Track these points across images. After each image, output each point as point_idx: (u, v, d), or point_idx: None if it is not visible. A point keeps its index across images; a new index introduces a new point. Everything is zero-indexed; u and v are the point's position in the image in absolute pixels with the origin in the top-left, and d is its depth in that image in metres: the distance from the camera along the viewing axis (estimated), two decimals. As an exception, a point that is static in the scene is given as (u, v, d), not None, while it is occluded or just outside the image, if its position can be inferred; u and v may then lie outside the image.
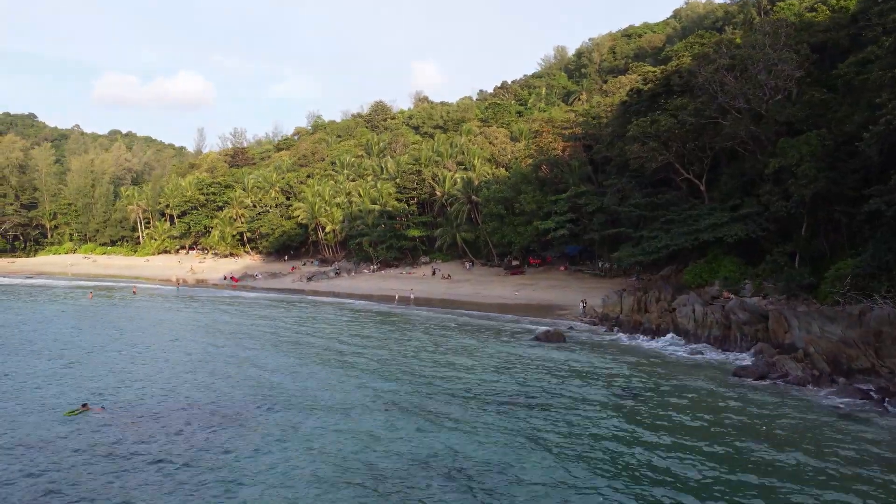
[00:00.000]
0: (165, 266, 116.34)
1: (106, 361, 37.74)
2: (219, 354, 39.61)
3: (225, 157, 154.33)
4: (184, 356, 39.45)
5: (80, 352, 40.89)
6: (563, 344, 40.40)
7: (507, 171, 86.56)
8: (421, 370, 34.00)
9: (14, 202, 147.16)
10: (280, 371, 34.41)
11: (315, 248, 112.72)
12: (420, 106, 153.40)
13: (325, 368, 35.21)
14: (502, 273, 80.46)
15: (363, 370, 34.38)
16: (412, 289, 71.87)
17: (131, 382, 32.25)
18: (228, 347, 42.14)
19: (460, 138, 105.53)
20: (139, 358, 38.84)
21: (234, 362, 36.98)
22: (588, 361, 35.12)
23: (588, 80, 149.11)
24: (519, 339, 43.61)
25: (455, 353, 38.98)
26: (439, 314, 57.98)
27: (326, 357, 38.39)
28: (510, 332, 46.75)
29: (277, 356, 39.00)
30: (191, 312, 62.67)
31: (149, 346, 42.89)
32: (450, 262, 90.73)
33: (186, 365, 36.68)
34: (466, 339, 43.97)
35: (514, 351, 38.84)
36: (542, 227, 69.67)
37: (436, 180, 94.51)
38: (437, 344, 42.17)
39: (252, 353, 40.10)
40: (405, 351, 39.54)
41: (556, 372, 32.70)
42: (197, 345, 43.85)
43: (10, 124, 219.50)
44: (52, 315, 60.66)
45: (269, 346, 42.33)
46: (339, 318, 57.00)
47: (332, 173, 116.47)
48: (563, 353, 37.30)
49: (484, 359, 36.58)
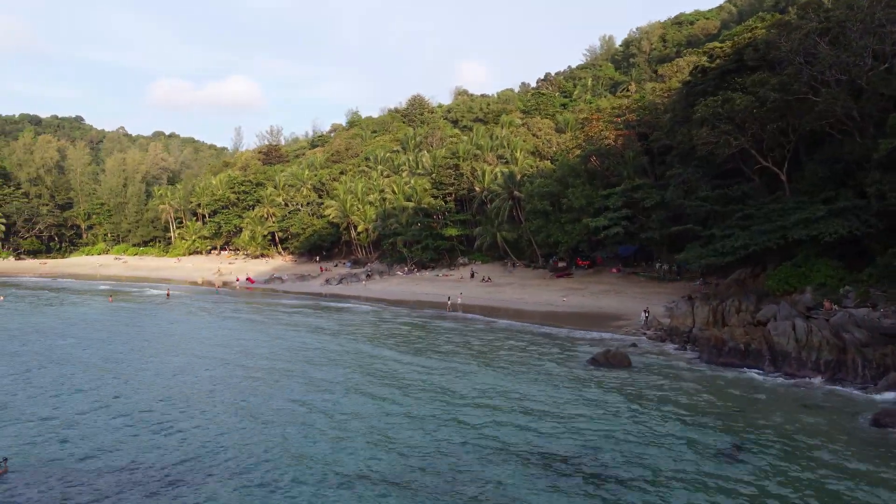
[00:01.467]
0: (195, 267, 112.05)
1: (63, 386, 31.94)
2: (195, 398, 30.92)
3: (259, 154, 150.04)
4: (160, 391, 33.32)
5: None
6: (629, 370, 33.03)
7: (552, 164, 79.11)
8: (460, 413, 27.03)
9: (49, 202, 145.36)
10: (281, 416, 28.04)
11: (348, 248, 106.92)
12: (459, 99, 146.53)
13: (329, 422, 28.63)
14: (547, 276, 73.17)
15: (380, 413, 27.65)
16: (461, 293, 64.39)
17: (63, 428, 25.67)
18: (225, 374, 35.97)
19: (501, 130, 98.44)
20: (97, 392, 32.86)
21: (227, 405, 30.67)
22: (667, 398, 27.80)
23: (637, 69, 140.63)
24: (573, 358, 36.49)
25: (500, 380, 32.07)
26: (478, 324, 51.09)
27: (333, 396, 31.84)
28: (561, 347, 39.63)
29: (279, 389, 32.66)
30: (196, 322, 57.05)
31: (119, 372, 37.00)
32: (490, 264, 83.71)
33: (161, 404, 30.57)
34: (511, 359, 36.99)
35: (570, 380, 31.68)
36: (592, 224, 62.14)
37: (475, 175, 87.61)
38: (477, 367, 35.30)
39: (254, 382, 33.84)
40: (437, 383, 32.51)
41: (628, 417, 25.51)
42: (188, 380, 34.49)
43: (58, 127, 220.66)
44: (49, 325, 55.70)
45: (273, 375, 36.04)
46: (360, 331, 50.54)
47: (365, 169, 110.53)
48: (631, 386, 30.05)
49: (534, 393, 29.50)
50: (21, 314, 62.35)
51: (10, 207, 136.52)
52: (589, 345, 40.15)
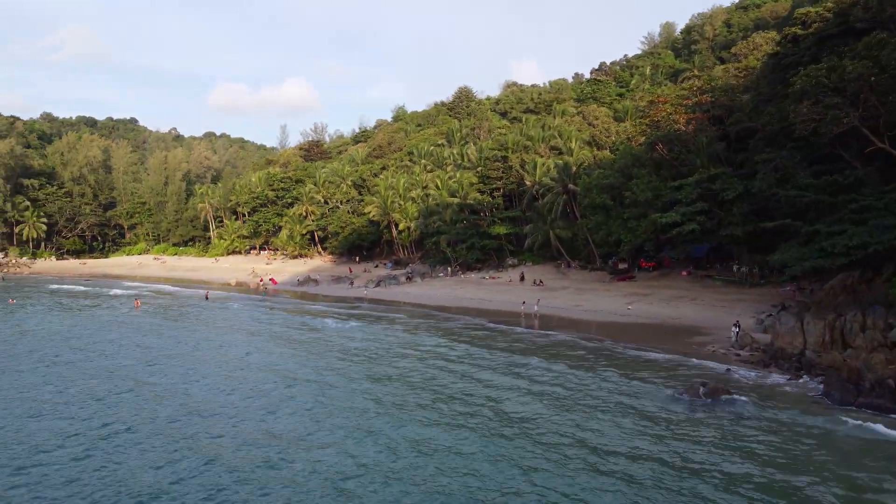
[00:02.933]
0: (232, 268, 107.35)
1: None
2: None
3: (300, 151, 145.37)
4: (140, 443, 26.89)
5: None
6: (732, 413, 24.89)
7: (612, 154, 70.86)
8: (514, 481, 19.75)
9: (92, 202, 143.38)
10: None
11: (389, 248, 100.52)
12: (508, 90, 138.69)
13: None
14: (606, 279, 65.20)
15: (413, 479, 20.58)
16: (538, 300, 55.26)
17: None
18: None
19: (554, 120, 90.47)
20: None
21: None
22: (803, 469, 19.69)
23: (700, 56, 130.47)
24: (652, 388, 28.71)
25: (559, 418, 24.64)
26: (526, 336, 43.54)
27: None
28: (631, 371, 31.85)
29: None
30: (205, 334, 51.04)
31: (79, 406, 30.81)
32: (541, 265, 75.98)
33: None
34: (572, 389, 29.44)
35: (654, 423, 24.00)
36: (662, 220, 53.84)
37: (525, 168, 79.97)
38: (526, 394, 27.92)
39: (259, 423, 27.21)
40: (482, 428, 25.24)
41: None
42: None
43: (112, 128, 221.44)
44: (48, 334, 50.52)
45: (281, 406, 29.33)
46: (387, 349, 43.59)
47: (407, 164, 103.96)
48: (741, 441, 22.06)
49: (612, 446, 21.96)
50: (17, 321, 57.69)
51: (53, 207, 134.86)
52: (667, 370, 32.24)
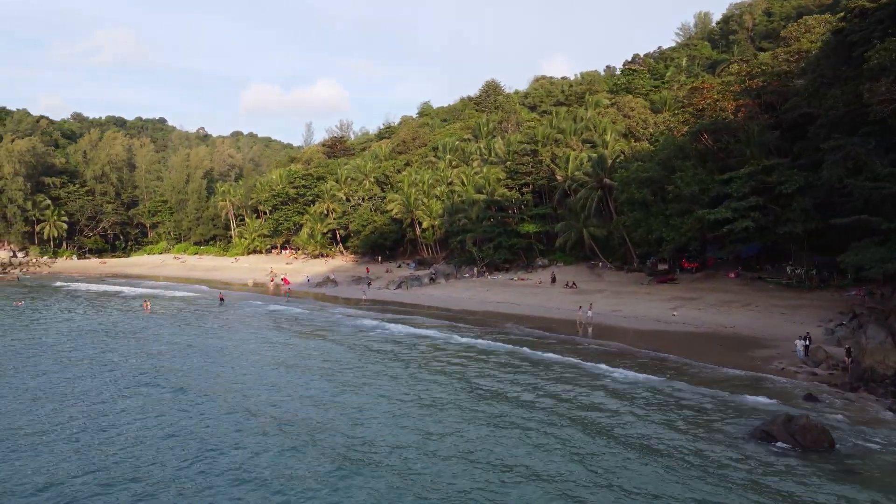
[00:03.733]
0: (251, 268, 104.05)
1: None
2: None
3: (324, 148, 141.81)
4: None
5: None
6: (835, 460, 19.81)
7: (651, 145, 65.55)
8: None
9: (114, 200, 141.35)
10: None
11: (413, 247, 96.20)
12: (538, 83, 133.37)
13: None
14: (645, 280, 60.06)
15: None
16: (591, 304, 49.32)
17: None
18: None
19: (586, 112, 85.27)
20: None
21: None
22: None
23: (739, 46, 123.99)
24: (720, 423, 23.78)
25: (611, 464, 19.98)
26: (565, 348, 38.77)
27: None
28: (693, 398, 26.96)
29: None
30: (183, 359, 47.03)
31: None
32: (573, 266, 71.01)
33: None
34: (623, 419, 24.72)
35: (736, 474, 19.18)
36: (709, 217, 48.68)
37: (556, 162, 75.00)
38: (571, 427, 23.25)
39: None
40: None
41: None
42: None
43: (141, 128, 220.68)
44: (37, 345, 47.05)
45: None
46: (400, 370, 39.13)
47: (432, 160, 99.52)
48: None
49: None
50: (11, 326, 54.46)
51: (74, 205, 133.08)
52: (731, 392, 27.29)
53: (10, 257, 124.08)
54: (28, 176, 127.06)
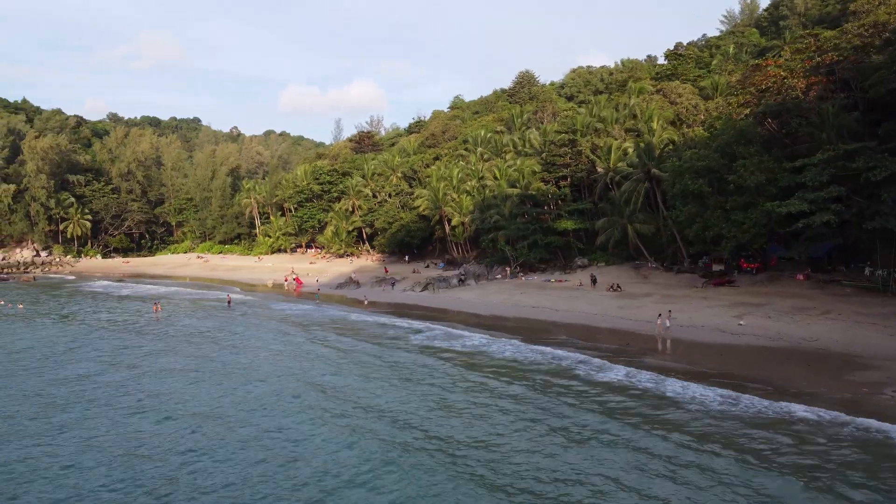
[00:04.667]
0: (274, 267, 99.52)
1: None
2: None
3: (351, 143, 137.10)
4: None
5: None
6: None
7: (704, 131, 58.75)
8: None
9: (140, 198, 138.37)
10: None
11: (442, 246, 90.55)
12: (574, 73, 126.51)
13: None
14: (698, 282, 53.51)
15: None
16: (669, 312, 41.78)
17: None
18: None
19: (629, 99, 78.61)
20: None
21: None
22: None
23: (790, 32, 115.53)
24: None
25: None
26: (621, 366, 32.70)
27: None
28: (801, 431, 20.81)
29: None
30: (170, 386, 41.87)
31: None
32: (615, 266, 64.62)
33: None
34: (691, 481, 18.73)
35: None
36: (779, 210, 42.09)
37: (596, 153, 68.66)
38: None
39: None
40: None
41: None
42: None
43: (175, 128, 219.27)
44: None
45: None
46: (422, 398, 33.47)
47: (462, 153, 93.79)
48: None
49: None
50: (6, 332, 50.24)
51: (99, 204, 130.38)
52: (852, 442, 21.05)
53: (34, 256, 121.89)
54: (52, 174, 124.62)
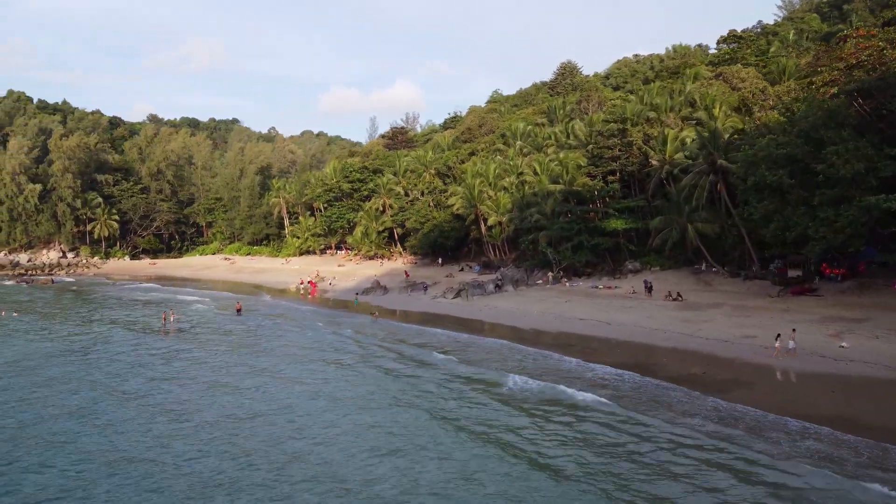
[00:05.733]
0: (301, 270, 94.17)
1: None
2: None
3: (384, 140, 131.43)
4: None
5: None
6: None
7: (780, 116, 50.84)
8: None
9: (169, 198, 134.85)
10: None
11: (478, 247, 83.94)
12: (621, 62, 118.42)
13: None
14: (773, 290, 46.01)
15: None
16: (794, 331, 32.34)
17: None
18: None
19: (685, 85, 70.90)
20: None
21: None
22: None
23: (856, 16, 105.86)
24: None
25: None
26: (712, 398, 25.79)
27: None
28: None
29: None
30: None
31: None
32: (672, 271, 57.25)
33: None
34: None
35: None
36: (885, 206, 34.46)
37: (650, 144, 61.31)
38: None
39: None
40: None
41: None
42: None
43: (214, 129, 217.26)
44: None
45: None
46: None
47: (500, 147, 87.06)
48: None
49: None
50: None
51: (127, 204, 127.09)
52: None
53: (60, 258, 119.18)
54: (79, 173, 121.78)
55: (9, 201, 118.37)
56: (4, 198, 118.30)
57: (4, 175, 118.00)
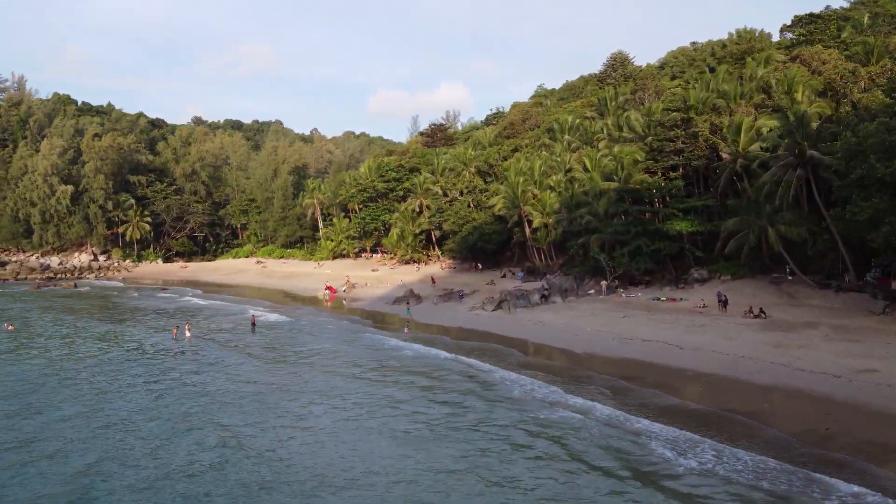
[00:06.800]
0: (333, 274, 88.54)
1: None
2: None
3: (422, 138, 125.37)
4: None
5: None
6: None
7: (885, 97, 42.66)
8: None
9: (204, 200, 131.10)
10: None
11: (521, 251, 77.00)
12: (678, 50, 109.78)
13: None
14: (876, 306, 38.24)
15: None
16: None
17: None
18: None
19: (757, 69, 62.78)
20: None
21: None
22: None
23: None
24: None
25: None
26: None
27: None
28: None
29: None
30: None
31: None
32: (749, 280, 49.51)
33: None
34: None
35: None
36: None
37: (719, 134, 53.61)
38: None
39: None
40: None
41: None
42: None
43: (257, 130, 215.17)
44: None
45: None
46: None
47: (546, 142, 79.98)
48: None
49: None
50: None
51: (160, 205, 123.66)
52: None
53: (91, 261, 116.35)
54: (112, 174, 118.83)
55: (41, 203, 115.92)
56: (37, 199, 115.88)
57: (36, 176, 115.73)
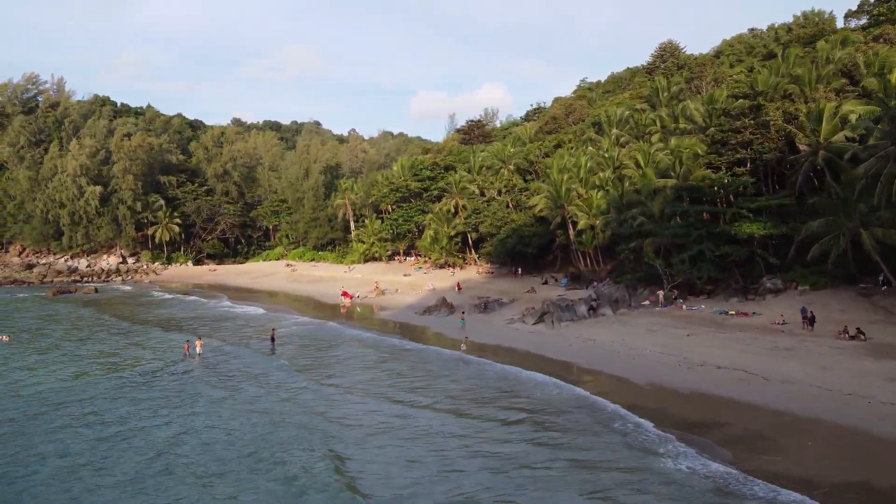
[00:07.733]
0: (364, 279, 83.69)
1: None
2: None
3: (459, 135, 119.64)
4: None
5: None
6: None
7: None
8: None
9: (235, 201, 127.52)
10: None
11: (564, 255, 70.70)
12: (735, 37, 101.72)
13: None
14: None
15: None
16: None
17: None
18: None
19: (836, 50, 55.46)
20: None
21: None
22: None
23: None
24: None
25: None
26: None
27: None
28: None
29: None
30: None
31: None
32: (832, 291, 42.58)
33: None
34: None
35: None
36: None
37: (794, 123, 46.67)
38: None
39: None
40: None
41: None
42: None
43: (295, 131, 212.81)
44: None
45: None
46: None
47: (591, 137, 73.54)
48: None
49: None
50: None
51: (191, 206, 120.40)
52: None
53: (119, 263, 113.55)
54: (141, 174, 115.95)
55: (70, 204, 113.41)
56: (66, 201, 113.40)
57: (65, 177, 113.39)
